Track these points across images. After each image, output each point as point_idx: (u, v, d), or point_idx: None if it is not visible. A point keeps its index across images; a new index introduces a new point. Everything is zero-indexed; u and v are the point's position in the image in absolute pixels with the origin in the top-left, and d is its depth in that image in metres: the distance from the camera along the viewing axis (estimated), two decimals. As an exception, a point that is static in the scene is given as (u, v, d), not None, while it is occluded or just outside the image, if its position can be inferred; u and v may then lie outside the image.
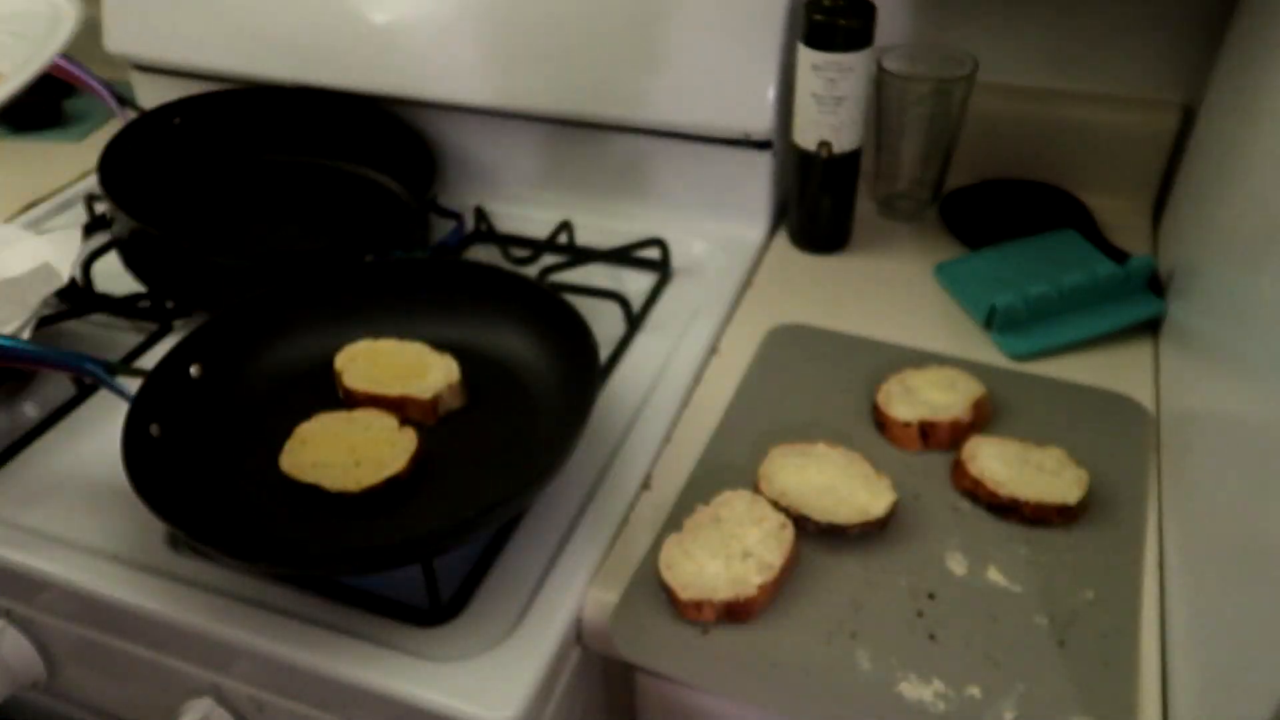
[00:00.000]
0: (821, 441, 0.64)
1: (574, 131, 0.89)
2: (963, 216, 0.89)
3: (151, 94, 1.02)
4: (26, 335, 0.70)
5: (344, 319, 0.71)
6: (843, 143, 0.80)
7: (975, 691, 0.52)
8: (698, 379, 0.74)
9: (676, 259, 0.85)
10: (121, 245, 0.80)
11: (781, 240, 0.89)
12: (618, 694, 0.65)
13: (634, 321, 0.78)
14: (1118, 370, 0.72)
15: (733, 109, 0.82)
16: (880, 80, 0.84)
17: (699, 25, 0.81)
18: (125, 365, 0.65)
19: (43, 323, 0.75)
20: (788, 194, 0.87)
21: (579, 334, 0.65)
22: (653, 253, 0.84)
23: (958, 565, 0.58)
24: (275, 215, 0.91)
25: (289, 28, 0.91)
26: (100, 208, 0.94)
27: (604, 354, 0.74)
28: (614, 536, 0.62)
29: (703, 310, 0.80)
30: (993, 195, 0.92)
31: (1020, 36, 0.90)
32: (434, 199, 0.87)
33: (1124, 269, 0.75)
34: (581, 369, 0.63)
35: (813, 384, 0.72)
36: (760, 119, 0.81)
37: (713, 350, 0.77)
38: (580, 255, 0.83)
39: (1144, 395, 0.70)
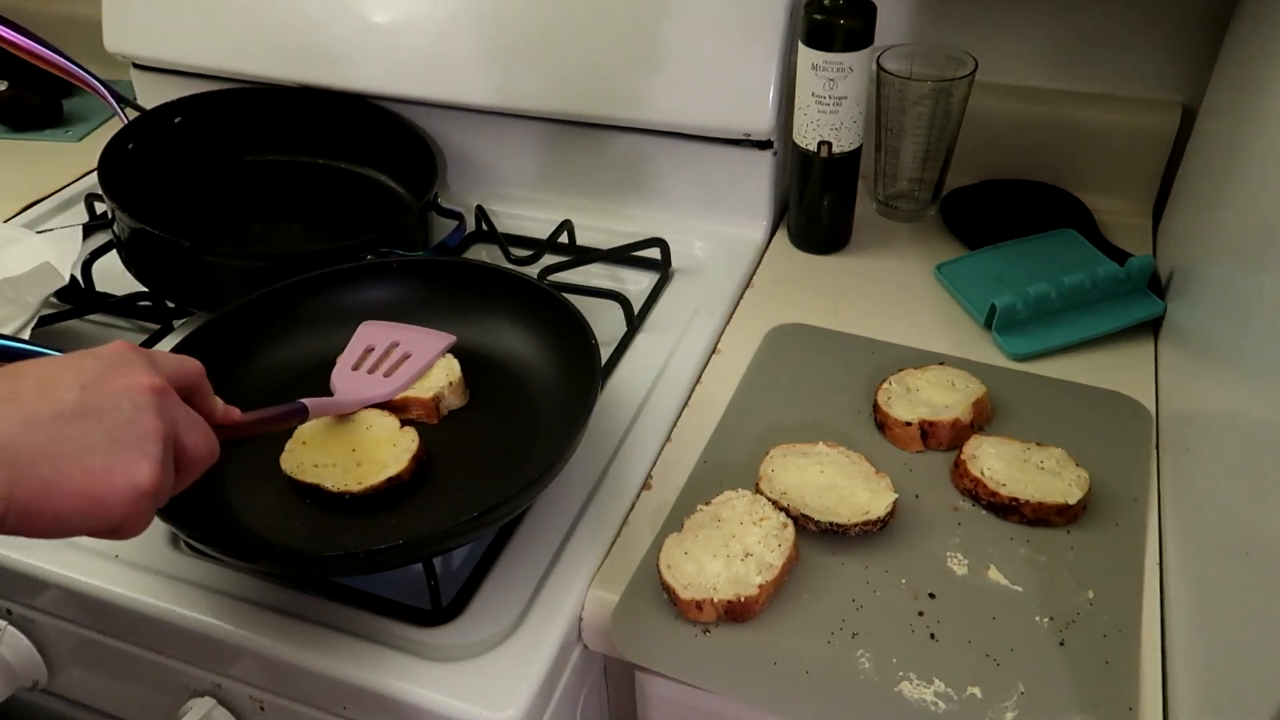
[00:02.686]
0: (822, 441, 0.64)
1: (575, 131, 0.89)
2: (963, 216, 0.89)
3: (151, 93, 1.02)
4: (26, 335, 0.70)
5: (344, 319, 0.71)
6: (843, 143, 0.80)
7: (976, 691, 0.52)
8: (698, 379, 0.74)
9: (677, 259, 0.85)
10: (122, 245, 0.80)
11: (782, 240, 0.89)
12: (619, 694, 0.65)
13: (634, 321, 0.78)
14: (1118, 370, 0.72)
15: (733, 109, 0.82)
16: (880, 80, 0.84)
17: (700, 25, 0.81)
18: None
19: (43, 322, 0.75)
20: (788, 194, 0.87)
21: (579, 334, 0.65)
22: (653, 252, 0.84)
23: (958, 565, 0.58)
24: (276, 215, 0.91)
25: (290, 27, 0.91)
26: (100, 207, 0.94)
27: (604, 354, 0.74)
28: (615, 536, 0.62)
29: (703, 310, 0.80)
30: (993, 195, 0.92)
31: (1020, 36, 0.90)
32: (435, 199, 0.87)
33: (1124, 269, 0.75)
34: (582, 369, 0.63)
35: (813, 384, 0.72)
36: (760, 119, 0.81)
37: (713, 350, 0.77)
38: (581, 255, 0.83)
39: (1144, 395, 0.70)
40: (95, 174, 0.80)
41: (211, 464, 0.46)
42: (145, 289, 0.80)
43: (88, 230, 0.89)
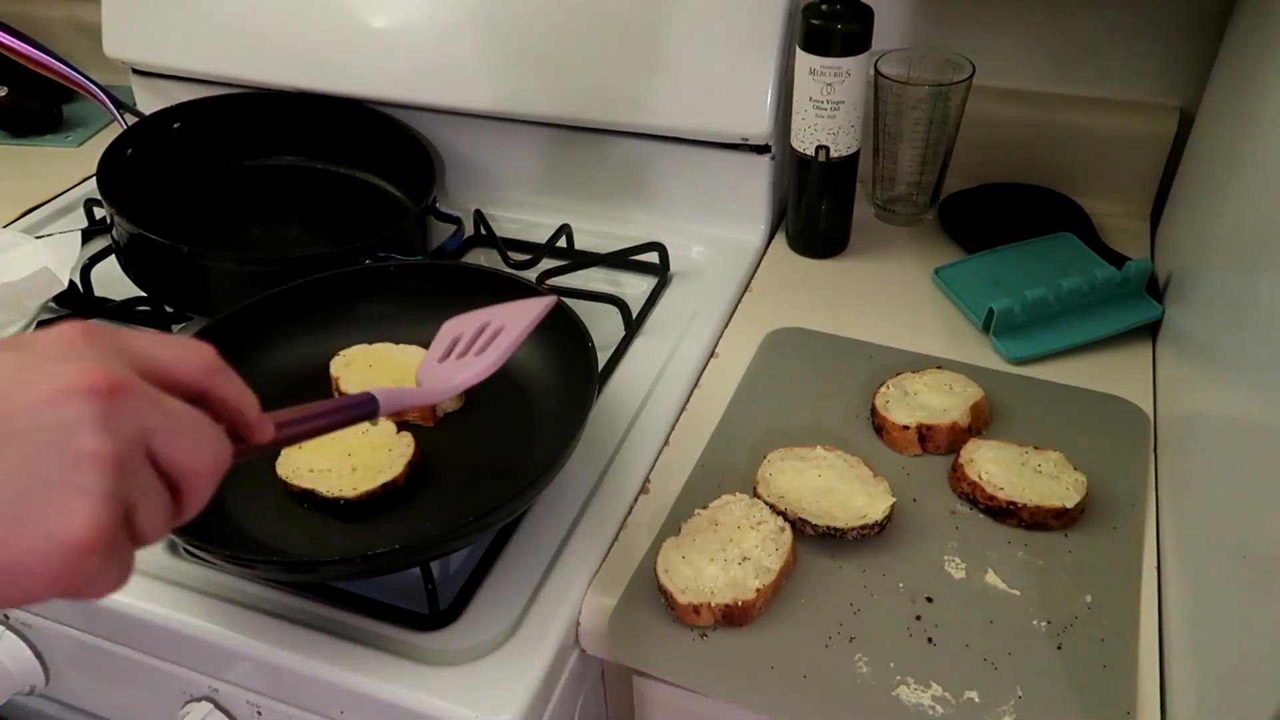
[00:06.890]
0: (820, 445, 0.64)
1: (573, 136, 0.89)
2: (961, 220, 0.89)
3: (151, 98, 1.02)
4: (25, 340, 0.70)
5: (342, 324, 0.72)
6: (840, 147, 0.80)
7: (973, 695, 0.52)
8: (696, 383, 0.74)
9: (675, 263, 0.85)
10: (120, 250, 0.80)
11: (780, 244, 0.89)
12: (616, 698, 0.65)
13: (632, 325, 0.78)
14: (1116, 374, 0.72)
15: (731, 113, 0.82)
16: (878, 84, 0.84)
17: (698, 30, 0.81)
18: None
19: (41, 327, 0.75)
20: (786, 198, 0.87)
21: (577, 337, 0.65)
22: (651, 257, 0.84)
23: (956, 569, 0.58)
24: (274, 219, 0.92)
25: (289, 32, 0.92)
26: (100, 212, 0.94)
27: (603, 358, 0.74)
28: (612, 540, 0.62)
29: (701, 314, 0.80)
30: (991, 199, 0.92)
31: (1018, 40, 0.90)
32: (433, 203, 0.87)
33: (1122, 273, 0.75)
34: (580, 372, 0.63)
35: (811, 387, 0.72)
36: (758, 123, 0.81)
37: (711, 354, 0.77)
38: (579, 259, 0.83)
39: (1142, 399, 0.70)
40: (94, 179, 0.81)
41: (223, 473, 0.34)
42: (144, 294, 0.80)
43: (87, 235, 0.89)
